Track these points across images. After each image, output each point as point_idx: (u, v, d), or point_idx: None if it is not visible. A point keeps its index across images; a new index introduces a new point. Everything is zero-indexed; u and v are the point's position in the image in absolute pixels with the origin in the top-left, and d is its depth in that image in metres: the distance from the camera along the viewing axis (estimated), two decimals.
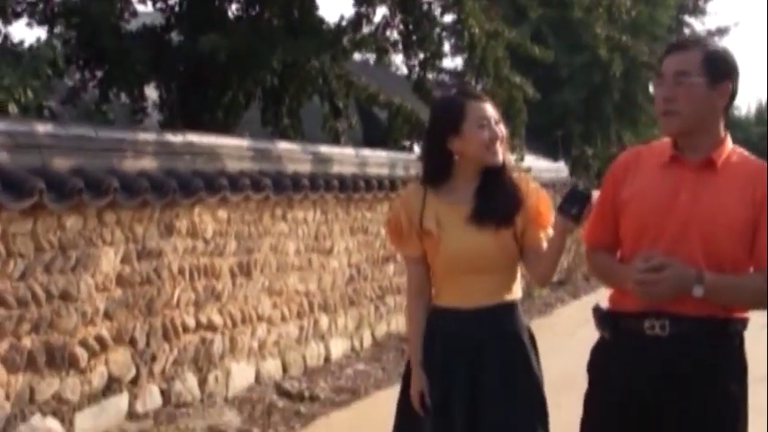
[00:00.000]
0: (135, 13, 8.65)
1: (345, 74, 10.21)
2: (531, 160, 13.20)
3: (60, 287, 5.38)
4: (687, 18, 25.43)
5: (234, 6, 9.33)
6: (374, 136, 11.58)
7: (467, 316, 3.43)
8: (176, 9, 9.15)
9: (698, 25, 26.07)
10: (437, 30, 9.82)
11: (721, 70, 3.06)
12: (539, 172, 13.16)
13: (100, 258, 5.68)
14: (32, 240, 5.19)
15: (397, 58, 16.80)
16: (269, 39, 8.58)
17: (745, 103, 69.67)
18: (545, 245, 3.43)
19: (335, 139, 10.20)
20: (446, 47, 10.96)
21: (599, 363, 3.23)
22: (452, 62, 12.10)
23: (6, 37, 7.05)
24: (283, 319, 7.72)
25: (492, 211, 3.41)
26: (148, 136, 6.51)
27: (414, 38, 9.38)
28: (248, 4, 9.17)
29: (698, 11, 25.74)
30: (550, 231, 3.43)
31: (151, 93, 9.20)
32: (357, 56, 11.25)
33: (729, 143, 3.14)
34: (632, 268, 3.00)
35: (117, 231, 5.83)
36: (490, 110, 3.44)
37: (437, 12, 9.63)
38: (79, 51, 8.18)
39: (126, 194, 5.70)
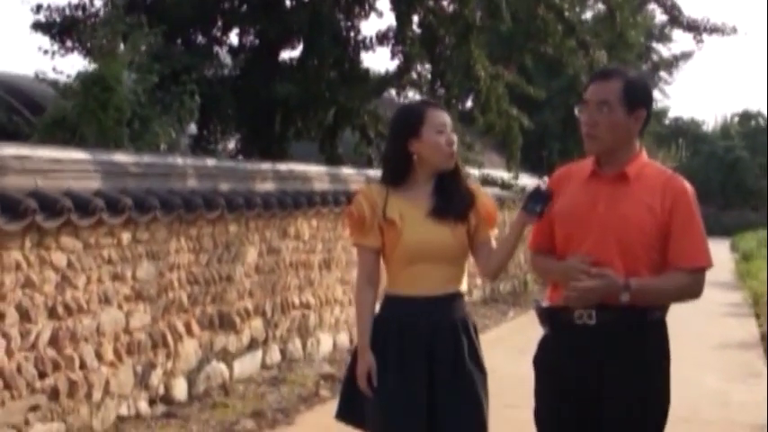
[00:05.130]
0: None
1: (374, 109, 12.54)
2: (524, 178, 15.38)
3: (225, 272, 7.75)
4: (654, 44, 27.88)
5: (293, 55, 11.66)
6: None
7: (422, 303, 3.63)
8: (246, 58, 11.46)
9: (664, 51, 28.48)
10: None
11: (638, 98, 3.35)
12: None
13: (246, 253, 8.07)
14: (212, 240, 7.57)
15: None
16: (328, 86, 10.94)
17: (712, 119, 73.22)
18: (494, 243, 3.76)
19: (368, 163, 12.53)
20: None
21: (543, 355, 3.49)
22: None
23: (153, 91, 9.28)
24: (350, 302, 10.09)
25: (450, 207, 3.67)
26: (265, 165, 8.94)
27: (438, 82, 11.80)
28: (306, 55, 11.47)
29: (664, 38, 28.19)
30: (496, 231, 3.77)
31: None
32: None
33: (644, 157, 3.44)
34: (566, 264, 3.36)
35: (256, 235, 8.22)
36: (447, 118, 3.72)
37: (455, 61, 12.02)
38: None
39: (262, 209, 8.08)
